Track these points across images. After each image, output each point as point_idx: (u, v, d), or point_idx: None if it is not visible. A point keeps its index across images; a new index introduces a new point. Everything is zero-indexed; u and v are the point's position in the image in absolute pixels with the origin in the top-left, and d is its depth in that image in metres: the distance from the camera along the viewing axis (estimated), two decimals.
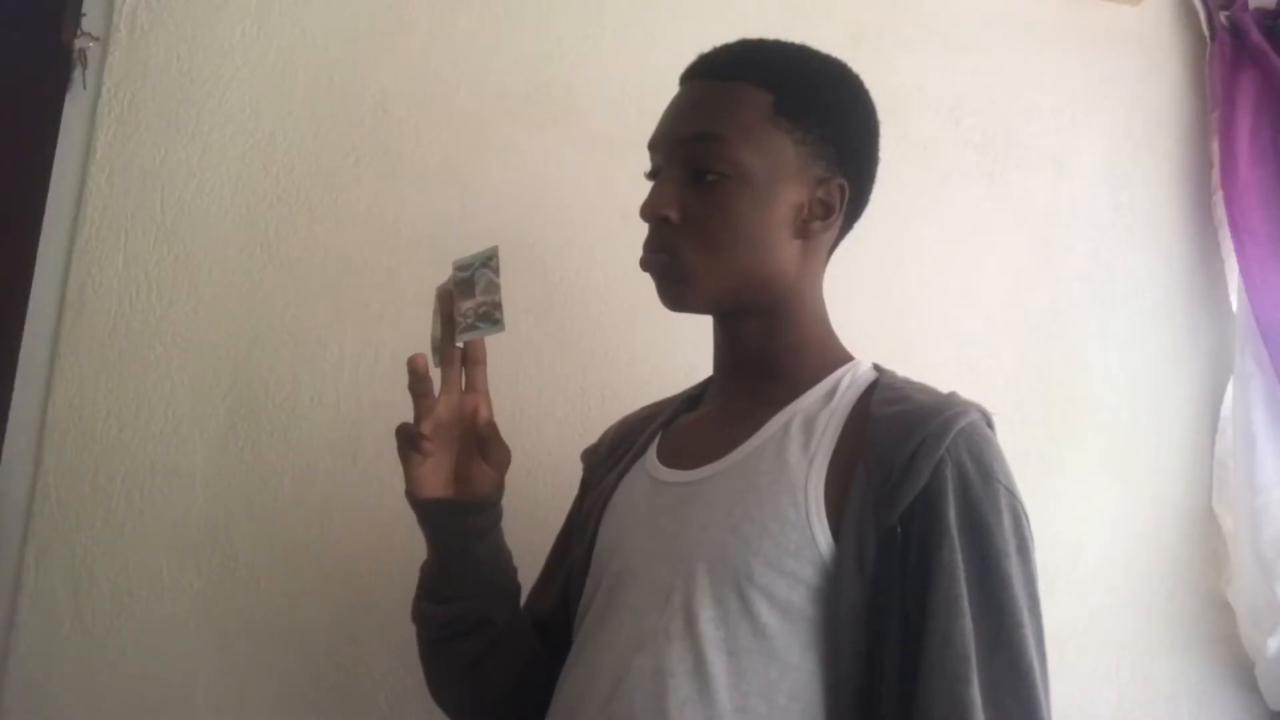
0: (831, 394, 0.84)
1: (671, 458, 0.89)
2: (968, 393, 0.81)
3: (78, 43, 1.21)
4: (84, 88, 1.22)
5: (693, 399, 0.99)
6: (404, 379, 0.84)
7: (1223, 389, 1.47)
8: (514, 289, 1.27)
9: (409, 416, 0.85)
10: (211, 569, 1.17)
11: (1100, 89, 1.52)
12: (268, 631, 1.17)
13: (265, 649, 1.17)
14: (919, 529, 0.73)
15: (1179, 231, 1.51)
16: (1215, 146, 1.49)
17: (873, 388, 0.84)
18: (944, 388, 0.83)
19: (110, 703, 1.14)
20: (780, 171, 0.83)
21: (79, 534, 1.15)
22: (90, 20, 1.22)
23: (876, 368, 0.89)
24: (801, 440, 0.80)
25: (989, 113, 1.47)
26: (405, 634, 1.19)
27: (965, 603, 0.70)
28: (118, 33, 1.23)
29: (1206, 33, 1.53)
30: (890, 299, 1.39)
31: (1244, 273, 1.42)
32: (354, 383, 1.22)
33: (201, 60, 1.25)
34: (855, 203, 0.88)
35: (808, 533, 0.75)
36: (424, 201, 1.27)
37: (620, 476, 0.92)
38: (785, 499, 0.77)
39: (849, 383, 0.85)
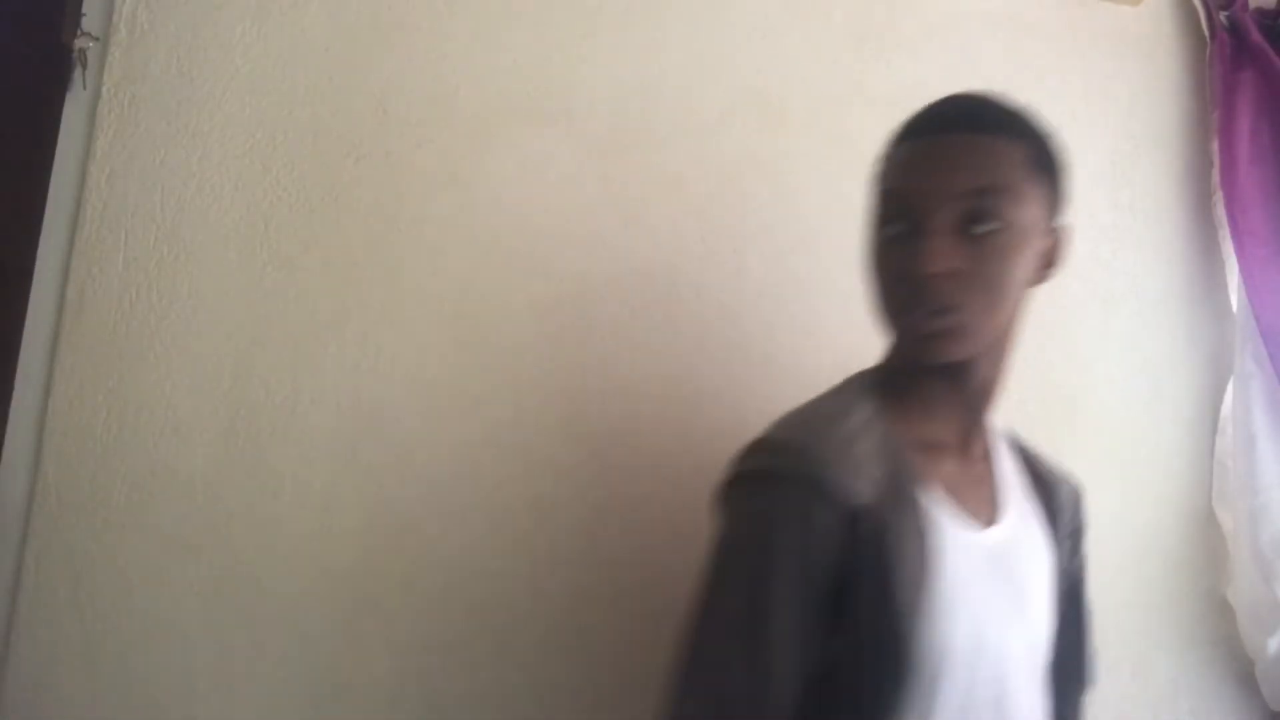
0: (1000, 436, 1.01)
1: (957, 508, 0.87)
2: None
3: (78, 43, 1.21)
4: (84, 88, 1.21)
5: (877, 415, 0.90)
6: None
7: (1223, 389, 1.47)
8: (513, 289, 1.28)
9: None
10: (211, 569, 1.17)
11: (1100, 89, 1.52)
12: (268, 631, 1.17)
13: (265, 649, 1.17)
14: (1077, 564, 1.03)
15: (1179, 231, 1.51)
16: (1215, 146, 1.49)
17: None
18: None
19: (110, 703, 1.13)
20: (1035, 223, 0.87)
21: (79, 534, 1.15)
22: (90, 20, 1.22)
23: None
24: (1020, 496, 0.98)
25: None
26: (405, 634, 1.19)
27: None
28: (118, 33, 1.23)
29: (1206, 33, 1.54)
30: None
31: (1244, 273, 1.42)
32: (354, 383, 1.22)
33: (201, 60, 1.25)
34: None
35: None
36: (424, 201, 1.27)
37: (923, 528, 0.83)
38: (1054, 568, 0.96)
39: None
